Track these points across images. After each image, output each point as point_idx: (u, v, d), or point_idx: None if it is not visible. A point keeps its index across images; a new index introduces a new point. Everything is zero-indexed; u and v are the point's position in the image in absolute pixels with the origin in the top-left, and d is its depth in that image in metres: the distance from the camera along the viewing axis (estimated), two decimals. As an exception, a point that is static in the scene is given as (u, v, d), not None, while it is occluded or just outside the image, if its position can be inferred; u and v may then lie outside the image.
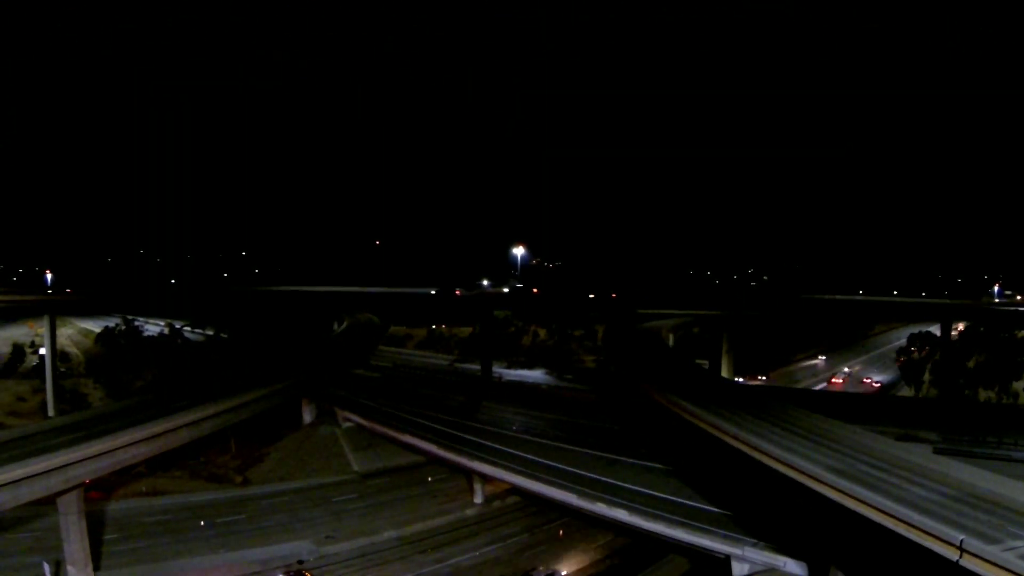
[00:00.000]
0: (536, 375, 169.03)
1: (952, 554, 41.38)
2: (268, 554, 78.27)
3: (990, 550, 40.15)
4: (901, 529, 45.05)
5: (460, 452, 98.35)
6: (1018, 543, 41.10)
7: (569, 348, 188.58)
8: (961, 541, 41.23)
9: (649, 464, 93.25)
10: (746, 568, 66.83)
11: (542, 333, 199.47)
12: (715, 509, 76.27)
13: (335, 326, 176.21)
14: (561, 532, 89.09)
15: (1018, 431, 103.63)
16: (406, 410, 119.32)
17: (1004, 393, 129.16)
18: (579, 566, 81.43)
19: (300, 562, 77.03)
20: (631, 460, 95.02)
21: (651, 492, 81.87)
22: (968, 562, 40.46)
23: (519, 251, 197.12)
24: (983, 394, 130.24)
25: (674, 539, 72.67)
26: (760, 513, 72.32)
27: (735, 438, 69.06)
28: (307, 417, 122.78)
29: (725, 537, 69.22)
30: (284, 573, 74.20)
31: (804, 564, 63.95)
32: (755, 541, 67.64)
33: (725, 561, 68.40)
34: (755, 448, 65.44)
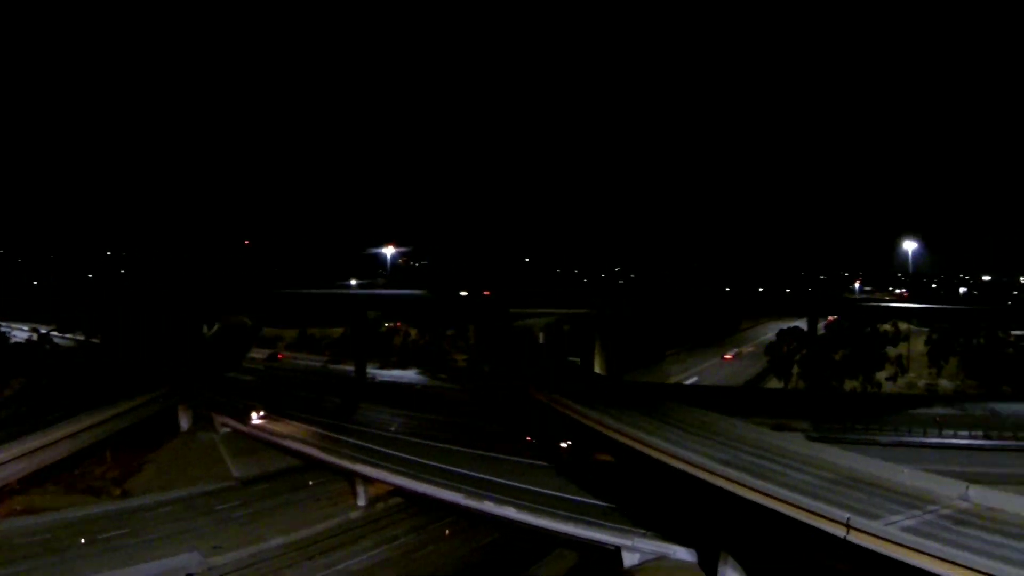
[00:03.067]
0: (410, 375, 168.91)
1: (840, 531, 44.45)
2: (156, 569, 75.80)
3: (874, 525, 43.32)
4: (791, 512, 47.98)
5: (342, 455, 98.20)
6: (896, 518, 44.50)
7: (442, 348, 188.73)
8: (848, 519, 44.33)
9: (533, 462, 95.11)
10: (637, 558, 68.70)
11: (413, 333, 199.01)
12: (602, 503, 78.44)
13: (204, 329, 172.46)
14: (447, 531, 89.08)
15: (882, 418, 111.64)
16: (285, 414, 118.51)
17: (868, 383, 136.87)
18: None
19: (189, 575, 75.62)
20: (514, 458, 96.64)
21: (537, 489, 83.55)
22: (855, 537, 43.55)
23: (389, 250, 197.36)
24: (848, 384, 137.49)
25: (565, 533, 74.15)
26: (647, 505, 74.50)
27: (625, 435, 71.42)
28: (184, 424, 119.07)
29: (614, 529, 71.25)
30: None
31: (694, 551, 66.53)
32: (644, 531, 69.84)
33: (615, 553, 70.08)
34: (647, 444, 67.95)
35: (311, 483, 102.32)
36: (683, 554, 67.21)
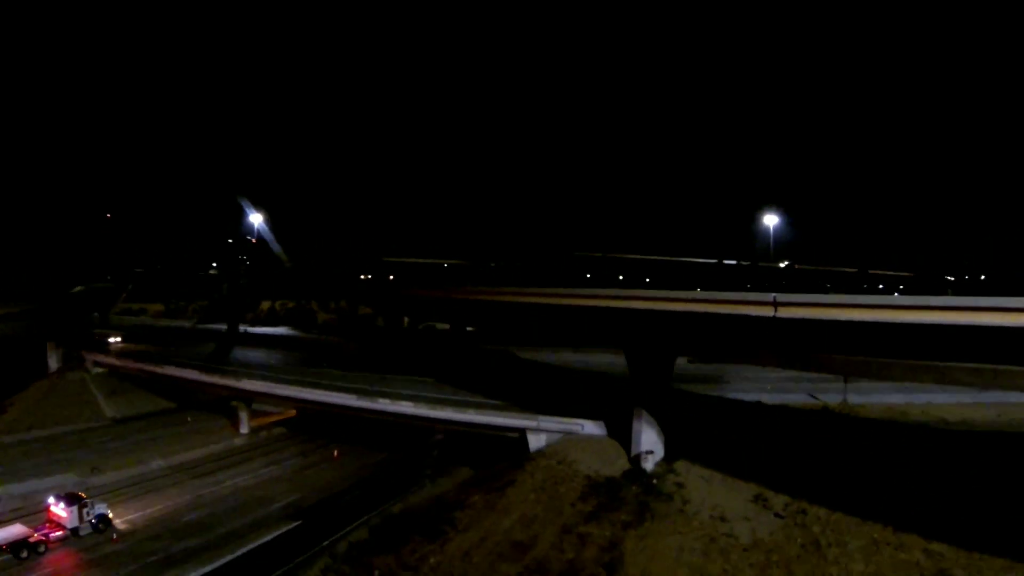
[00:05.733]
0: (281, 330, 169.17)
1: (768, 312, 45.75)
2: (29, 488, 71.58)
3: (795, 297, 45.43)
4: (725, 309, 49.30)
5: (226, 374, 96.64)
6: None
7: (309, 309, 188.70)
8: (774, 298, 45.68)
9: (418, 378, 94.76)
10: (543, 440, 67.53)
11: (277, 305, 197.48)
12: (496, 401, 77.61)
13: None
14: (336, 453, 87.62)
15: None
16: (161, 350, 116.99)
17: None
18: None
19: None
20: (401, 376, 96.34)
21: (429, 394, 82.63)
22: (783, 312, 45.16)
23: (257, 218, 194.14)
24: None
25: (465, 422, 72.70)
26: (545, 398, 75.47)
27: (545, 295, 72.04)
28: (53, 364, 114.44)
29: (517, 414, 70.32)
30: (56, 497, 64.74)
31: (602, 423, 66.82)
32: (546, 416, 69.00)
33: (518, 440, 68.61)
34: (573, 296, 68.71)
35: (189, 419, 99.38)
36: (591, 427, 67.04)
